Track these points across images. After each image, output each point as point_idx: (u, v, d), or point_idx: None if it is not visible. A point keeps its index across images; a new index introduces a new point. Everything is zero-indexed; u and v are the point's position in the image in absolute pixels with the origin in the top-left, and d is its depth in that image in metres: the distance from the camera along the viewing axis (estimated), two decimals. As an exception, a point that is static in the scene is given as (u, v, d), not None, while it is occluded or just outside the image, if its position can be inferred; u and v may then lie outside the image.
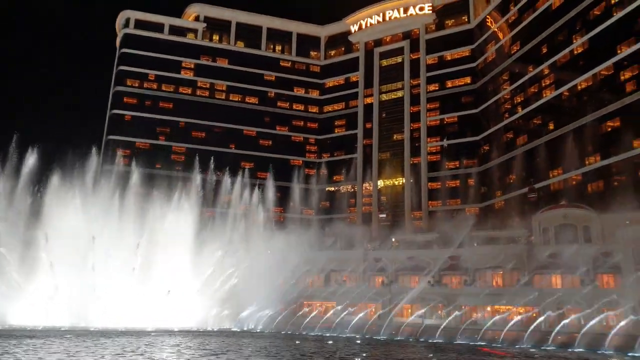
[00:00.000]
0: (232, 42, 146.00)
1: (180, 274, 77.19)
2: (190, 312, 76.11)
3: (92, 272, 71.81)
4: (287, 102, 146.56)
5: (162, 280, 75.18)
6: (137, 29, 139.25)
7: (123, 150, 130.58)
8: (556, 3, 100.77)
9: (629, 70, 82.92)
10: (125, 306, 71.88)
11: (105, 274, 72.17)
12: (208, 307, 78.23)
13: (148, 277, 75.71)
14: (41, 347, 42.59)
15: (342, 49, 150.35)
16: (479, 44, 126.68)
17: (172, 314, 73.91)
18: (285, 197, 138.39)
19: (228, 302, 79.73)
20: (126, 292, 72.44)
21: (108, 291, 71.29)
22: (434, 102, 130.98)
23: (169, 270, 76.48)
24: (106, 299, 70.91)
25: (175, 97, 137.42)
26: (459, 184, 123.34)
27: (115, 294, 71.58)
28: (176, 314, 74.39)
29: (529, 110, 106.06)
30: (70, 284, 70.54)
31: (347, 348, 51.76)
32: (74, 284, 70.66)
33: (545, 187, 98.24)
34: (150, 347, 45.99)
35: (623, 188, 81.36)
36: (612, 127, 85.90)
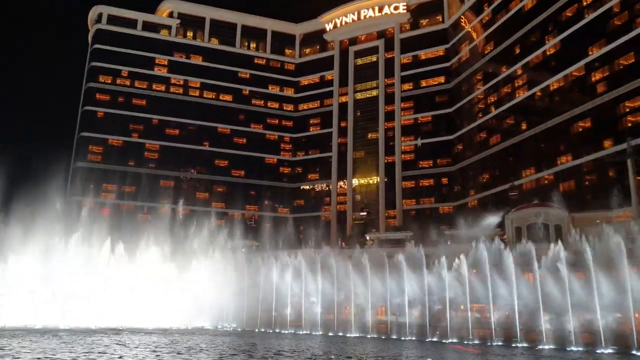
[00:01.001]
0: (206, 39, 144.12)
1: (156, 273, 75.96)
2: (165, 311, 74.89)
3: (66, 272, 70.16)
4: (261, 100, 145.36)
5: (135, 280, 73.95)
6: (110, 25, 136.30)
7: (95, 147, 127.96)
8: (529, 4, 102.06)
9: (599, 72, 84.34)
10: (100, 306, 70.47)
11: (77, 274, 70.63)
12: (184, 306, 77.01)
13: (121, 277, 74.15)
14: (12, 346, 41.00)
15: (317, 47, 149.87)
16: (453, 43, 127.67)
17: (147, 313, 72.79)
18: (260, 196, 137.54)
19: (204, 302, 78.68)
20: (99, 292, 70.95)
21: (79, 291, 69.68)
22: (409, 101, 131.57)
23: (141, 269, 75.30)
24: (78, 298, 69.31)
25: (149, 94, 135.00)
26: (433, 182, 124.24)
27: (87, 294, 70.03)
28: (151, 313, 73.21)
29: (502, 110, 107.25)
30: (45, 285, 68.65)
31: (307, 344, 51.32)
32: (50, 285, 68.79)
33: (518, 186, 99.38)
34: (120, 345, 44.76)
35: (593, 188, 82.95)
36: (583, 128, 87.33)
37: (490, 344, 56.00)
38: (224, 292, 78.55)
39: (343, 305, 72.86)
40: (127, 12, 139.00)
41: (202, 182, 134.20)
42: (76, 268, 71.38)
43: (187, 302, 77.06)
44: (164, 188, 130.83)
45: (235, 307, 79.32)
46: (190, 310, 77.37)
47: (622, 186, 71.06)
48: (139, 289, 74.23)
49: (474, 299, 60.47)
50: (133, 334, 57.98)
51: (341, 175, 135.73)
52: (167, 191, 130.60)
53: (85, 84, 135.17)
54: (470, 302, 60.51)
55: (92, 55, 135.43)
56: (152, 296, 75.08)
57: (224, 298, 79.04)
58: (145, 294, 74.51)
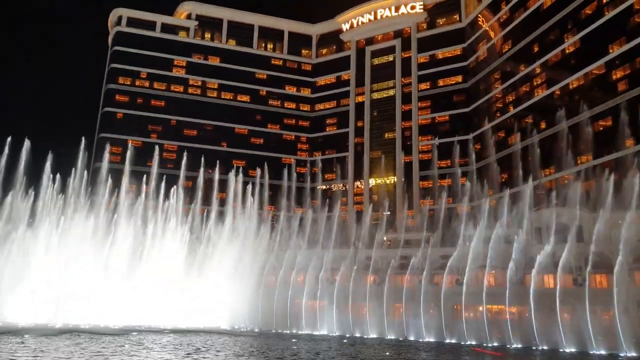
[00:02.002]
0: (223, 40, 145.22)
1: (171, 272, 76.76)
2: (183, 310, 75.74)
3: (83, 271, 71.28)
4: (278, 101, 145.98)
5: (154, 279, 74.84)
6: (130, 27, 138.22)
7: (115, 148, 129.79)
8: (547, 2, 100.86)
9: (620, 70, 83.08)
10: (118, 305, 71.45)
11: (96, 273, 71.76)
12: (201, 306, 77.71)
13: (140, 276, 75.15)
14: (26, 346, 41.96)
15: (334, 48, 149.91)
16: (471, 42, 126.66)
17: (166, 313, 73.72)
18: (277, 196, 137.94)
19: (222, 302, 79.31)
20: (117, 290, 71.96)
21: (98, 289, 70.78)
22: (426, 100, 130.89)
23: (160, 268, 76.18)
24: (97, 297, 70.41)
25: (167, 95, 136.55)
26: (451, 182, 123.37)
27: (105, 292, 71.08)
28: (169, 313, 74.13)
29: (520, 109, 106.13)
30: (62, 282, 69.79)
31: (325, 346, 51.47)
32: (66, 282, 69.93)
33: (538, 186, 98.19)
34: (136, 345, 45.48)
35: (615, 188, 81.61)
36: (604, 127, 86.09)
37: (510, 346, 55.62)
38: (241, 292, 79.20)
39: (360, 306, 72.94)
40: (146, 14, 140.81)
41: (220, 182, 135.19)
42: (96, 267, 72.58)
43: (204, 302, 77.77)
44: (182, 188, 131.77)
45: (252, 307, 79.81)
46: (208, 310, 78.02)
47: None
48: (158, 289, 75.09)
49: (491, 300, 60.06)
50: (149, 334, 58.82)
51: (358, 175, 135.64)
52: (185, 191, 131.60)
53: (105, 86, 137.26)
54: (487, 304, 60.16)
55: (112, 57, 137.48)
56: (171, 296, 75.88)
57: (240, 298, 79.64)
58: (164, 294, 75.34)
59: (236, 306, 79.83)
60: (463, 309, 62.21)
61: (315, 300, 75.66)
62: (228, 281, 79.46)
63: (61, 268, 70.31)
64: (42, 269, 69.85)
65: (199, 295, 78.14)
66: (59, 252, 72.07)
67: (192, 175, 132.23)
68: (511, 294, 58.16)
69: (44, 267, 70.05)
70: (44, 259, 71.00)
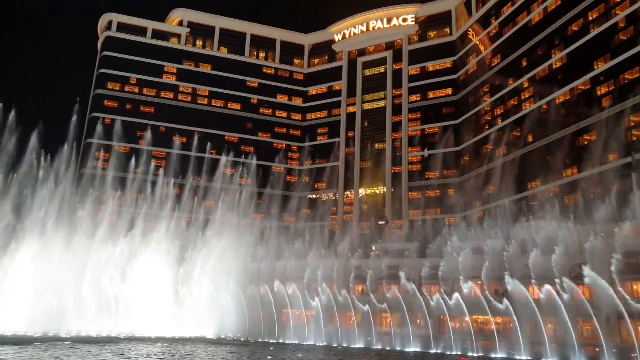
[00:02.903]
0: (215, 48, 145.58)
1: (158, 281, 76.34)
2: (169, 320, 75.22)
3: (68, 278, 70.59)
4: (270, 109, 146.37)
5: (140, 287, 74.37)
6: (120, 32, 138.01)
7: (102, 154, 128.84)
8: (536, 18, 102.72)
9: (605, 86, 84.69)
10: (101, 313, 70.80)
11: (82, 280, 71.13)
12: (187, 314, 77.25)
13: (125, 284, 74.61)
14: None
15: (326, 58, 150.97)
16: (461, 56, 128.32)
17: (150, 321, 73.12)
18: (267, 205, 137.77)
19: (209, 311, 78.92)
20: (101, 299, 71.34)
21: (81, 297, 70.11)
22: (416, 112, 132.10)
23: (146, 277, 75.70)
24: (79, 305, 69.69)
25: (157, 102, 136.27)
26: (440, 194, 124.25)
27: (88, 300, 70.44)
28: (155, 321, 73.55)
29: (508, 122, 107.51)
30: (46, 290, 68.99)
31: (311, 356, 51.46)
32: (51, 290, 69.15)
33: (525, 199, 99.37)
34: (118, 355, 45.07)
35: (599, 201, 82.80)
36: (588, 141, 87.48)
37: (495, 356, 56.02)
38: (228, 302, 78.91)
39: (347, 316, 72.98)
40: (137, 20, 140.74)
41: (209, 190, 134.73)
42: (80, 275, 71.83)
43: (190, 311, 77.35)
44: (170, 196, 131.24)
45: (238, 316, 79.45)
46: (194, 319, 77.55)
47: (628, 200, 70.97)
48: (144, 298, 74.54)
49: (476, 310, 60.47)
50: (134, 343, 58.28)
51: (348, 185, 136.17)
52: (173, 199, 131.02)
53: (93, 91, 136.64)
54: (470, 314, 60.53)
55: (101, 63, 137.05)
56: (158, 306, 75.37)
57: (227, 307, 79.33)
58: (150, 303, 74.79)
59: (223, 315, 79.48)
60: (449, 320, 62.53)
61: (302, 310, 75.53)
62: (215, 290, 79.14)
63: (42, 276, 69.40)
64: (22, 276, 68.98)
65: (186, 305, 77.76)
66: (41, 260, 71.11)
67: (181, 182, 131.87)
68: (496, 304, 58.57)
69: (24, 274, 69.14)
70: (25, 267, 70.01)
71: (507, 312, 57.26)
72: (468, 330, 60.84)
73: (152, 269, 77.53)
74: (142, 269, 77.22)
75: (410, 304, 66.67)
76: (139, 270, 77.13)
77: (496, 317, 58.99)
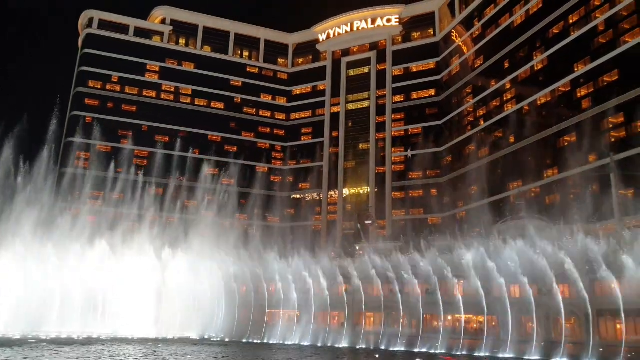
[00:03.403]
0: (198, 46, 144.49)
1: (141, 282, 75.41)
2: (151, 320, 74.39)
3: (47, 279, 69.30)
4: (253, 109, 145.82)
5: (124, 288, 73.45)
6: (101, 30, 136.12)
7: (83, 153, 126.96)
8: (518, 20, 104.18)
9: (584, 88, 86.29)
10: (83, 314, 69.72)
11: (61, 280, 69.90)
12: (169, 315, 76.47)
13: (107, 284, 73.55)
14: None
15: (310, 57, 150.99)
16: (444, 57, 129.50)
17: (133, 321, 72.27)
18: (250, 204, 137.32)
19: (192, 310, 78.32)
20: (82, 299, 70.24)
21: (62, 297, 68.95)
22: (399, 113, 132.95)
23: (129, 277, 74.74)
24: (61, 305, 68.53)
25: (139, 100, 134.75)
26: (423, 193, 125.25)
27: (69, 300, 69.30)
28: (137, 321, 72.72)
29: (490, 123, 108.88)
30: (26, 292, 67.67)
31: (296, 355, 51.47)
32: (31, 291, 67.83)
33: (506, 199, 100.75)
34: (96, 356, 44.47)
35: (578, 201, 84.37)
36: (568, 142, 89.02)
37: (479, 354, 56.61)
38: (212, 301, 78.41)
39: (333, 315, 73.06)
40: (118, 17, 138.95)
41: (191, 189, 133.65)
42: (57, 274, 70.60)
43: (174, 311, 76.64)
44: (153, 195, 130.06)
45: (223, 316, 79.00)
46: (179, 319, 76.89)
47: (606, 200, 72.45)
48: (125, 297, 73.65)
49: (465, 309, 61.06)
50: (115, 344, 57.58)
51: (332, 185, 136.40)
52: (156, 199, 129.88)
53: (73, 89, 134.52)
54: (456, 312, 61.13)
55: (82, 60, 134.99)
56: (139, 306, 74.51)
57: (211, 307, 78.82)
58: (131, 302, 73.92)
59: (207, 315, 78.93)
60: (433, 318, 63.04)
61: (287, 310, 75.40)
62: (199, 290, 78.54)
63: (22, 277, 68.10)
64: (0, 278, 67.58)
65: (169, 305, 76.97)
66: (21, 261, 69.73)
67: (163, 182, 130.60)
68: (482, 303, 59.24)
69: (2, 276, 67.71)
70: (3, 268, 68.56)
71: (491, 311, 57.94)
72: (452, 328, 61.41)
73: (134, 270, 76.51)
74: (124, 270, 76.15)
75: (394, 303, 67.01)
76: (121, 271, 76.04)
77: (480, 316, 59.62)
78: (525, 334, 55.45)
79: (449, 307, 62.04)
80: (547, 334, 54.28)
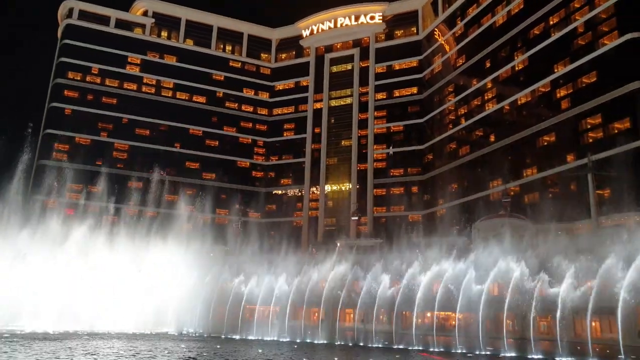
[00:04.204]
0: (181, 39, 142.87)
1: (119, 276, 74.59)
2: (131, 315, 73.63)
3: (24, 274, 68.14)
4: (235, 103, 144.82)
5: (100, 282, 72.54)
6: (81, 20, 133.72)
7: (62, 145, 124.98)
8: (500, 20, 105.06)
9: (564, 89, 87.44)
10: (60, 309, 68.66)
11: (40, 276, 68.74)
12: (148, 310, 75.77)
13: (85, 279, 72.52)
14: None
15: (293, 53, 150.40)
16: (427, 55, 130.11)
17: (110, 317, 71.53)
18: (231, 199, 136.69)
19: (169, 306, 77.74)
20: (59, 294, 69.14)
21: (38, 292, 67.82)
22: (382, 110, 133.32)
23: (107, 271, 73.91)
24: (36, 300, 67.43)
25: (120, 93, 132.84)
26: (404, 191, 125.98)
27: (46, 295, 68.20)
28: (116, 317, 72.00)
29: (471, 122, 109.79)
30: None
31: (272, 351, 51.40)
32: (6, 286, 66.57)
33: (486, 197, 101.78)
34: (69, 351, 43.83)
35: (556, 200, 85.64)
36: (548, 142, 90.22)
37: (455, 351, 57.17)
38: (190, 296, 77.88)
39: (311, 311, 73.08)
40: (99, 8, 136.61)
41: (172, 184, 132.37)
42: (34, 268, 69.47)
43: (151, 306, 75.96)
44: (132, 189, 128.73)
45: (200, 312, 78.54)
46: (155, 314, 76.24)
47: (583, 199, 73.64)
48: (102, 292, 72.83)
49: (440, 307, 61.53)
50: (92, 340, 56.82)
51: (314, 181, 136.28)
52: (135, 192, 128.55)
53: (52, 80, 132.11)
54: (436, 310, 61.60)
55: (61, 51, 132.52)
56: (116, 300, 73.76)
57: (189, 303, 78.31)
58: (108, 297, 73.16)
59: (185, 311, 78.43)
60: (413, 315, 63.42)
61: (266, 306, 75.17)
62: (177, 286, 77.96)
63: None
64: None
65: (148, 300, 76.23)
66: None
67: (144, 176, 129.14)
68: (459, 301, 59.74)
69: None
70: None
71: (467, 308, 58.49)
72: (430, 325, 61.86)
73: (113, 265, 75.62)
74: (102, 265, 75.20)
75: (373, 299, 67.23)
76: (99, 266, 75.07)
77: (457, 313, 60.12)
78: (500, 331, 56.07)
79: (428, 304, 62.44)
80: (522, 331, 54.98)
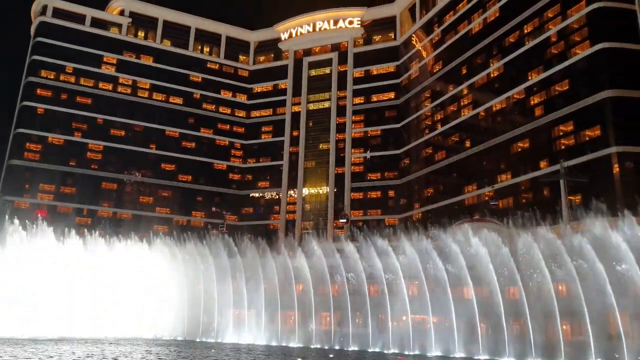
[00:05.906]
0: (158, 39, 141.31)
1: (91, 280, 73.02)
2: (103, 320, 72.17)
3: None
4: (213, 105, 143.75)
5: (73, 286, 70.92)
6: (55, 18, 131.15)
7: (34, 145, 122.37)
8: (476, 28, 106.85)
9: (537, 96, 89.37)
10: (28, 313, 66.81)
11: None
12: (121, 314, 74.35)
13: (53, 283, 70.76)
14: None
15: (272, 56, 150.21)
16: (404, 61, 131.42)
17: (83, 322, 69.98)
18: (207, 202, 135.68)
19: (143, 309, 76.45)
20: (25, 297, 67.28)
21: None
22: (359, 114, 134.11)
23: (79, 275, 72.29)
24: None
25: (95, 93, 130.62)
26: (380, 195, 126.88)
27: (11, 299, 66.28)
28: (87, 322, 70.45)
29: (447, 127, 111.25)
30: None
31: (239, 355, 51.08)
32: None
33: (461, 202, 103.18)
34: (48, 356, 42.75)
35: (529, 205, 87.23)
36: (521, 148, 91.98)
37: (430, 354, 57.60)
38: (164, 299, 76.79)
39: (287, 314, 72.80)
40: (74, 6, 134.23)
41: (147, 185, 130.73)
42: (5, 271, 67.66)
43: (125, 310, 74.63)
44: (106, 191, 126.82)
45: (175, 315, 77.50)
46: (130, 319, 74.91)
47: (555, 205, 75.22)
48: (71, 295, 71.20)
49: (414, 309, 61.95)
50: (59, 344, 55.54)
51: (291, 184, 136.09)
52: (109, 194, 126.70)
53: (25, 78, 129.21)
54: (411, 312, 62.00)
55: (34, 49, 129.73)
56: (86, 303, 72.22)
57: (163, 306, 77.21)
58: (77, 300, 71.57)
59: (159, 315, 77.23)
60: (388, 318, 63.75)
61: (241, 309, 74.59)
62: (151, 289, 76.75)
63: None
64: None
65: (120, 304, 74.83)
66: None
67: (118, 177, 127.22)
68: (433, 304, 60.28)
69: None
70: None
71: (443, 311, 59.00)
72: (406, 329, 62.18)
73: (85, 267, 74.01)
74: (74, 268, 73.53)
75: (349, 302, 67.33)
76: (70, 269, 73.39)
77: (433, 317, 60.61)
78: (475, 335, 56.73)
79: (403, 308, 62.80)
80: (497, 334, 55.71)
